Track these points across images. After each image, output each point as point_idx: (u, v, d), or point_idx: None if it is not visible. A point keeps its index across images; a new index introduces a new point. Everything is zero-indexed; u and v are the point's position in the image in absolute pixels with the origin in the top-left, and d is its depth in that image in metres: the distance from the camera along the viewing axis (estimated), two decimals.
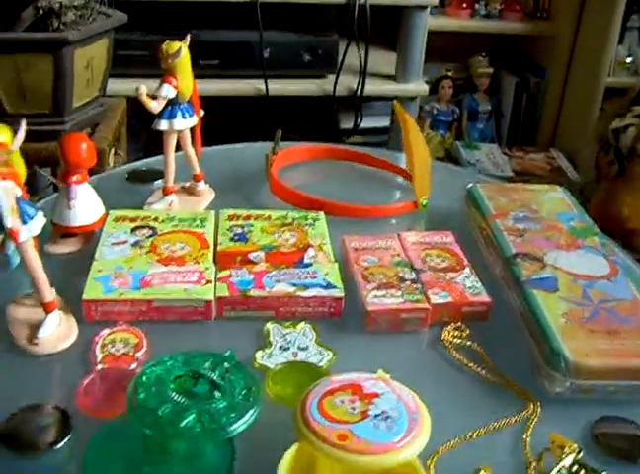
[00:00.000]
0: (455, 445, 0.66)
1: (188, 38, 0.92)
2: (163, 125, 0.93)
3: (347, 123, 2.17)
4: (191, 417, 0.60)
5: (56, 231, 0.89)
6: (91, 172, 0.92)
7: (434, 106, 2.45)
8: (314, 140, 1.20)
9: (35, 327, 0.75)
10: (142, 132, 2.02)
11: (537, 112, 2.52)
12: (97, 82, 1.56)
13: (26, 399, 0.67)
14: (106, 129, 1.57)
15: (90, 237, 0.90)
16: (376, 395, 0.62)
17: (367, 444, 0.57)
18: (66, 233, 0.90)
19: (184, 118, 0.93)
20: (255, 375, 0.66)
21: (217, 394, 0.62)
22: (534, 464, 0.64)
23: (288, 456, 0.59)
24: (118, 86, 1.73)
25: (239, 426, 0.60)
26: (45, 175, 1.11)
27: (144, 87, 0.88)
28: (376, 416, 0.60)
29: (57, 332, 0.75)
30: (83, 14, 1.44)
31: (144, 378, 0.64)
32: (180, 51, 0.89)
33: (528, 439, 0.67)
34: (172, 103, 0.92)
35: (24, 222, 0.69)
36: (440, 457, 0.64)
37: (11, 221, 0.66)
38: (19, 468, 0.63)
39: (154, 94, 0.90)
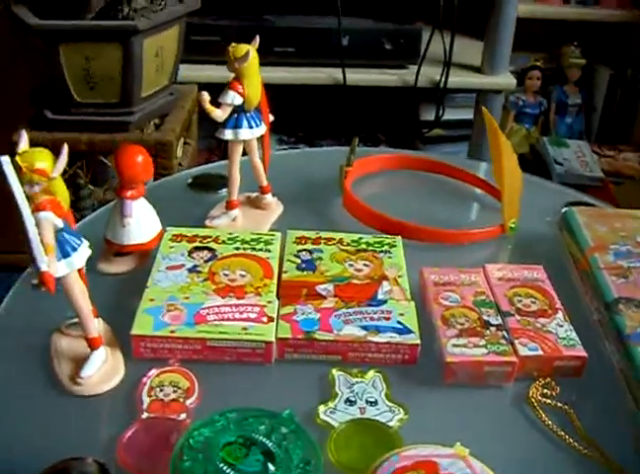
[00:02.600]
0: None
1: (257, 40, 0.83)
2: (227, 135, 0.85)
3: (427, 115, 2.06)
4: None
5: (109, 249, 0.83)
6: (157, 165, 0.85)
7: (520, 97, 2.31)
8: (392, 131, 1.09)
9: (78, 361, 0.69)
10: None
11: (633, 107, 2.35)
12: (167, 70, 1.49)
13: (64, 447, 0.61)
14: (175, 120, 1.50)
15: (146, 256, 0.83)
16: None
17: None
18: (120, 252, 0.83)
19: (250, 127, 0.85)
20: (315, 444, 0.58)
21: (271, 468, 0.54)
22: None
23: None
24: (189, 72, 1.66)
25: None
26: (112, 166, 1.05)
27: (207, 94, 0.80)
28: None
29: (102, 371, 0.68)
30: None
31: (191, 441, 0.56)
32: (248, 55, 0.81)
33: None
34: (238, 111, 0.84)
35: (65, 255, 0.61)
36: None
37: (46, 264, 0.58)
38: None
39: (218, 101, 0.83)
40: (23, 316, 0.76)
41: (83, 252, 0.64)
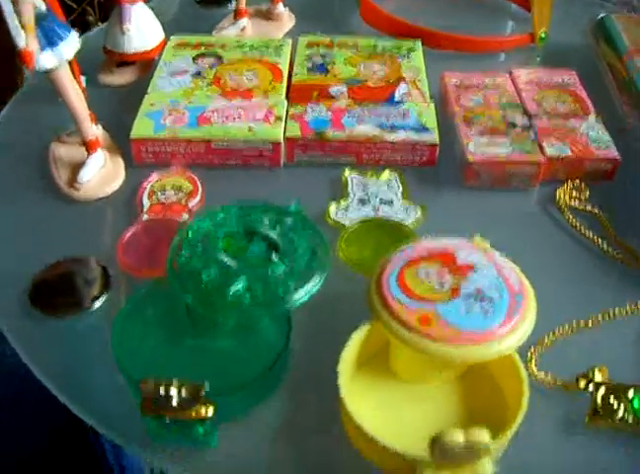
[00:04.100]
0: (564, 335, 0.53)
1: None
2: None
3: None
4: (240, 285, 0.49)
5: (110, 59, 0.78)
6: None
7: None
8: None
9: (77, 168, 0.65)
10: None
11: None
12: None
13: (63, 250, 0.58)
14: None
15: (149, 67, 0.78)
16: (471, 268, 0.49)
17: (456, 331, 0.45)
18: (121, 61, 0.78)
19: None
20: (324, 234, 0.54)
21: (275, 257, 0.51)
22: None
23: (356, 339, 0.48)
24: None
25: (299, 297, 0.49)
26: None
27: None
28: (470, 295, 0.47)
29: (100, 175, 0.65)
30: None
31: (190, 234, 0.53)
32: None
33: None
34: None
35: (52, 44, 0.56)
36: (544, 349, 0.52)
37: (23, 40, 0.53)
38: (48, 328, 0.54)
39: None
40: (20, 127, 0.72)
41: (72, 42, 0.59)
